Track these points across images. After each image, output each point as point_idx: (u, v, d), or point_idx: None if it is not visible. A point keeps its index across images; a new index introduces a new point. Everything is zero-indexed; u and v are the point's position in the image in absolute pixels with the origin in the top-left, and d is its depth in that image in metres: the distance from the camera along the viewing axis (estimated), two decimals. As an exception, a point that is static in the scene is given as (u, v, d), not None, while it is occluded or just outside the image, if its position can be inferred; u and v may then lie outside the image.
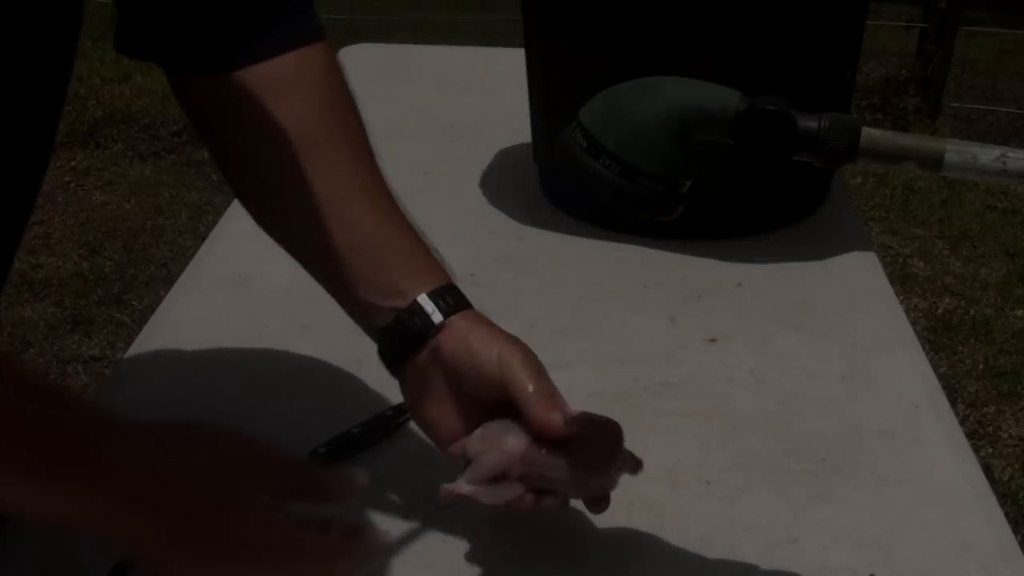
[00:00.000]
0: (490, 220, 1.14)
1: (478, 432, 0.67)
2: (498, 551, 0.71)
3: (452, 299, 0.69)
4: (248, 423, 0.83)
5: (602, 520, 0.74)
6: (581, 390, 0.87)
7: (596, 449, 0.67)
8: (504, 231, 1.12)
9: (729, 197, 1.08)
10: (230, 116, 0.71)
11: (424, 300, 0.68)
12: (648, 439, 0.82)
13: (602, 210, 1.07)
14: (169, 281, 2.11)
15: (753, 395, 0.87)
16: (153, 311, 0.99)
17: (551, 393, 0.66)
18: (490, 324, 0.69)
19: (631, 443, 0.81)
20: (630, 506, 0.75)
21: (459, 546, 0.71)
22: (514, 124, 1.30)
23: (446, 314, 0.68)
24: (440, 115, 1.42)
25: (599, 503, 0.68)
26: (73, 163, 3.43)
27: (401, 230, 0.72)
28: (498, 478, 0.66)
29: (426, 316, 0.68)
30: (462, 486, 0.66)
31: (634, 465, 0.69)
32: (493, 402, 0.67)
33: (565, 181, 0.62)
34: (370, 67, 1.62)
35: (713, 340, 0.95)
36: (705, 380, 0.89)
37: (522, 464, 0.66)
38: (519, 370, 0.66)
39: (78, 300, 2.72)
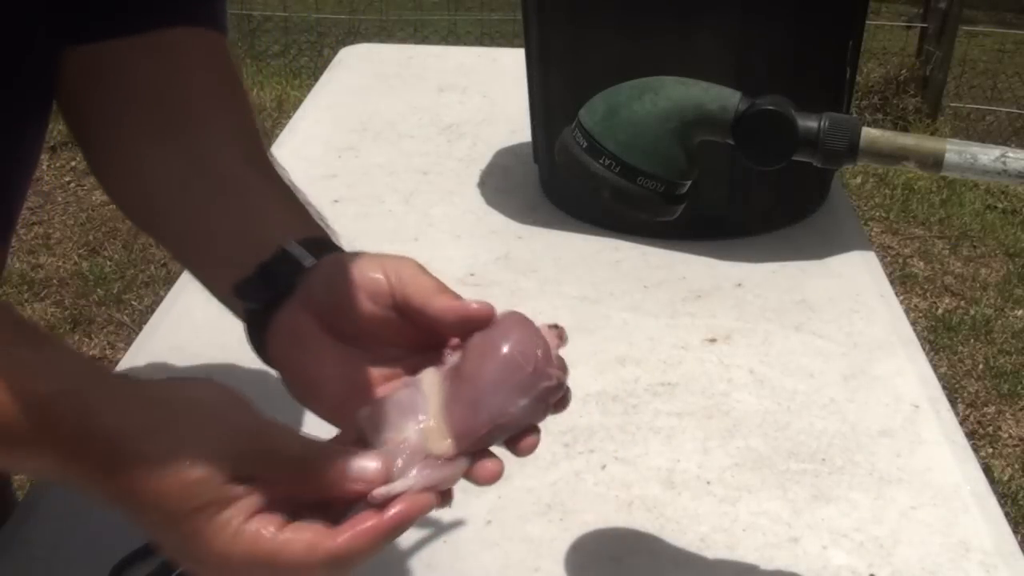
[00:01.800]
0: (490, 220, 1.14)
1: (365, 410, 0.53)
2: (498, 551, 0.71)
3: (327, 248, 0.59)
4: (248, 423, 0.83)
5: (602, 520, 0.74)
6: (581, 390, 0.87)
7: (511, 358, 0.53)
8: (504, 231, 1.12)
9: (729, 197, 1.08)
10: (99, 86, 0.65)
11: (293, 247, 0.58)
12: (648, 439, 0.82)
13: (602, 210, 1.07)
14: (169, 281, 2.11)
15: (753, 395, 0.87)
16: (153, 311, 0.99)
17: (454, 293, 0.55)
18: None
19: (631, 443, 0.82)
20: (630, 506, 0.75)
21: (459, 546, 0.71)
22: (514, 124, 1.30)
23: (319, 257, 0.58)
24: (440, 115, 1.42)
25: (561, 402, 0.54)
26: (73, 163, 3.42)
27: (276, 185, 0.64)
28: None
29: (294, 261, 0.57)
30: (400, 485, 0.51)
31: (559, 335, 0.54)
32: (383, 339, 0.56)
33: (565, 181, 0.62)
34: (370, 67, 1.62)
35: (713, 340, 0.95)
36: (705, 380, 0.89)
37: (458, 437, 0.52)
38: (413, 275, 0.55)
39: (78, 300, 2.72)
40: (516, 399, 0.52)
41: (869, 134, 0.59)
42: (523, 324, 0.53)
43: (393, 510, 0.49)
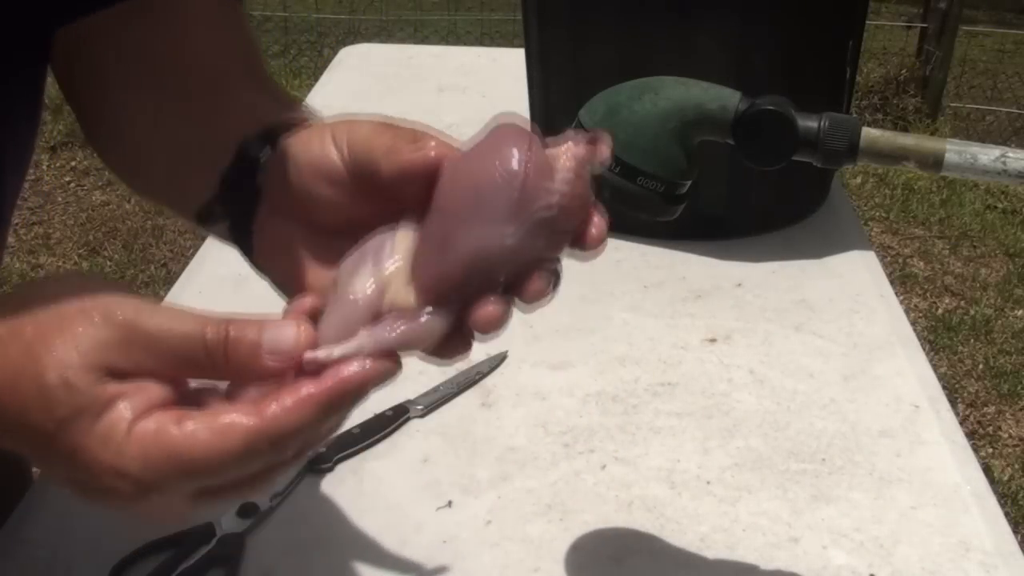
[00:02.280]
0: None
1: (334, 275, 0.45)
2: (498, 551, 0.71)
3: (284, 130, 0.50)
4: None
5: (602, 520, 0.74)
6: (581, 390, 0.87)
7: (483, 178, 0.40)
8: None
9: (729, 197, 1.08)
10: (91, 54, 0.60)
11: (249, 143, 0.50)
12: (648, 439, 0.82)
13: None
14: (169, 281, 2.11)
15: (753, 395, 0.87)
16: (153, 311, 0.99)
17: (417, 135, 0.47)
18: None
19: (631, 443, 0.82)
20: (630, 506, 0.75)
21: (459, 546, 0.71)
22: (514, 124, 1.29)
23: (275, 143, 0.49)
24: (440, 115, 1.42)
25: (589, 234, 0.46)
26: (73, 163, 3.43)
27: (257, 79, 0.57)
28: (376, 316, 0.41)
29: (251, 158, 0.50)
30: (323, 351, 0.40)
31: (588, 147, 0.43)
32: (363, 223, 0.47)
33: (565, 181, 0.62)
34: (370, 67, 1.62)
35: (713, 340, 0.95)
36: (705, 380, 0.89)
37: (425, 288, 0.40)
38: (365, 138, 0.47)
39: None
40: (499, 228, 0.39)
41: (869, 134, 0.59)
42: (508, 134, 0.41)
43: (332, 374, 0.39)
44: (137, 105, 0.57)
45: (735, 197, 1.09)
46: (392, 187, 0.45)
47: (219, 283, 1.01)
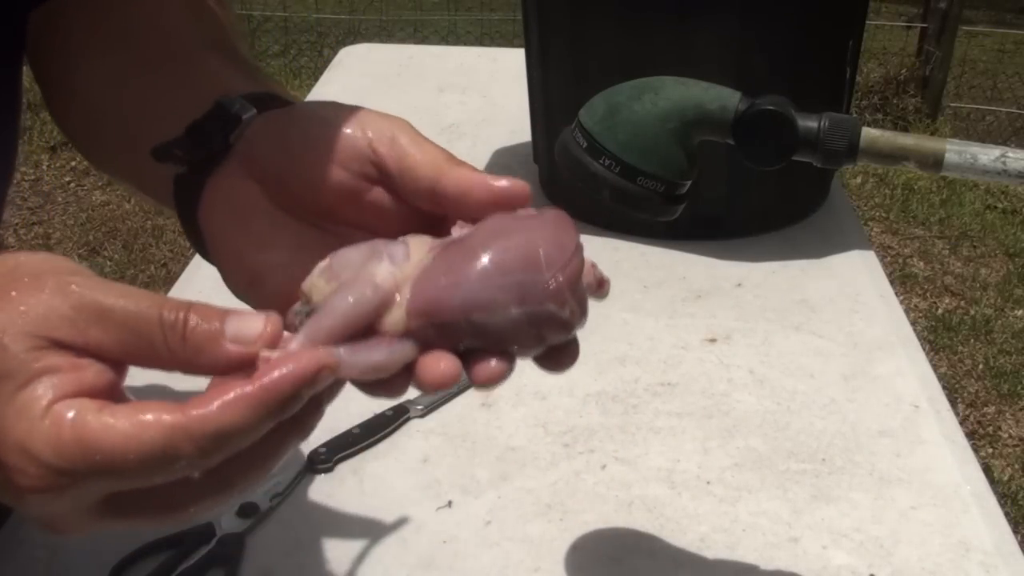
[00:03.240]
0: (490, 220, 1.14)
1: (321, 264, 0.40)
2: (498, 551, 0.71)
3: (276, 102, 0.47)
4: (248, 423, 0.83)
5: (602, 520, 0.74)
6: (581, 390, 0.87)
7: (530, 250, 0.39)
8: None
9: (729, 197, 1.08)
10: (57, 31, 0.58)
11: (230, 100, 0.46)
12: (648, 439, 0.82)
13: (602, 210, 1.07)
14: (169, 281, 2.11)
15: (753, 395, 0.87)
16: (153, 311, 0.99)
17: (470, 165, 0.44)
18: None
19: (631, 443, 0.82)
20: (630, 506, 0.75)
21: (459, 546, 0.71)
22: (514, 124, 1.30)
23: (262, 109, 0.46)
24: (440, 115, 1.42)
25: (563, 352, 0.42)
26: (73, 163, 3.43)
27: (229, 53, 0.53)
28: (366, 333, 0.39)
29: (231, 116, 0.46)
30: (293, 347, 0.37)
31: (600, 280, 0.44)
32: (350, 219, 0.45)
33: (565, 181, 0.62)
34: (370, 67, 1.62)
35: (713, 340, 0.95)
36: (705, 380, 0.89)
37: (416, 311, 0.38)
38: (413, 140, 0.44)
39: None
40: (509, 302, 0.38)
41: (869, 134, 0.59)
42: (564, 224, 0.40)
43: (266, 371, 0.34)
44: (101, 69, 0.54)
45: (735, 197, 1.09)
46: (427, 198, 0.43)
47: (219, 283, 1.01)
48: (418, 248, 0.40)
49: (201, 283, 1.01)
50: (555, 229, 0.40)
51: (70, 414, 0.34)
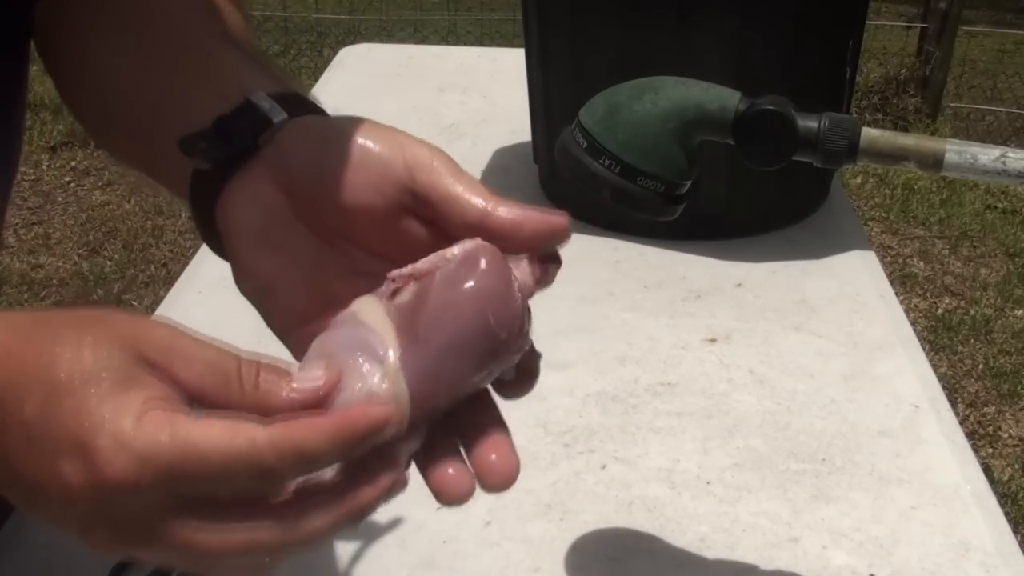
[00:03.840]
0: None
1: (314, 347, 0.42)
2: (498, 551, 0.71)
3: (307, 108, 0.47)
4: (248, 423, 0.83)
5: (602, 520, 0.74)
6: (581, 390, 0.87)
7: (481, 320, 0.41)
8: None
9: (729, 197, 1.08)
10: (64, 16, 0.57)
11: (260, 98, 0.46)
12: (648, 439, 0.82)
13: (602, 210, 1.07)
14: (169, 281, 2.11)
15: (753, 395, 0.87)
16: (153, 311, 0.99)
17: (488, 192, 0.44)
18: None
19: (631, 443, 0.82)
20: (630, 506, 0.75)
21: (459, 546, 0.71)
22: (514, 124, 1.30)
23: (292, 113, 0.45)
24: (440, 115, 1.42)
25: (523, 378, 0.45)
26: (73, 163, 3.43)
27: (248, 51, 0.52)
28: None
29: (261, 116, 0.45)
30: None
31: (538, 272, 0.44)
32: (369, 242, 0.45)
33: (565, 181, 0.62)
34: (370, 67, 1.62)
35: (713, 340, 0.95)
36: (705, 380, 0.89)
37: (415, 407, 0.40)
38: (452, 171, 0.44)
39: (78, 300, 2.72)
40: (479, 369, 0.41)
41: (869, 134, 0.59)
42: (500, 273, 0.41)
43: (339, 413, 0.37)
44: (115, 53, 0.54)
45: (735, 197, 1.09)
46: (468, 230, 0.43)
47: (219, 283, 1.01)
48: (379, 324, 0.41)
49: (201, 283, 1.01)
50: (496, 282, 0.41)
51: (166, 414, 0.36)
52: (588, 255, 1.08)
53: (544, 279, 0.43)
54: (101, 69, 0.54)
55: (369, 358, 0.40)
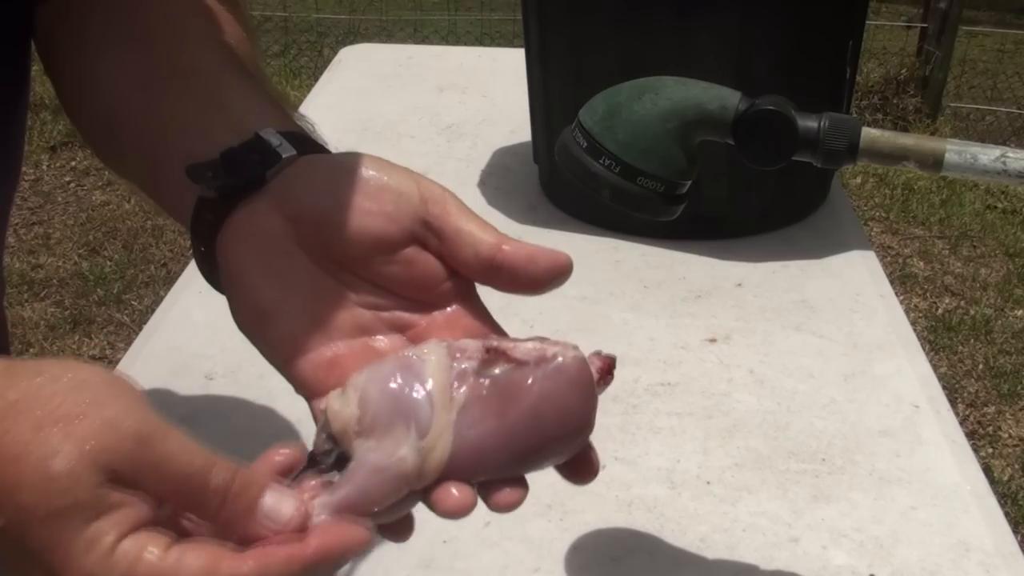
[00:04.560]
0: (490, 220, 1.14)
1: (341, 389, 0.42)
2: (498, 551, 0.71)
3: (312, 146, 0.48)
4: (248, 423, 0.83)
5: (602, 520, 0.74)
6: (581, 390, 0.87)
7: (566, 419, 0.43)
8: (504, 231, 1.12)
9: (729, 197, 1.08)
10: (65, 23, 0.57)
11: (270, 134, 0.47)
12: (648, 439, 0.82)
13: (602, 210, 1.07)
14: (169, 281, 2.11)
15: (753, 395, 0.87)
16: (153, 311, 0.99)
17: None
18: None
19: (631, 443, 0.82)
20: (630, 506, 0.75)
21: (459, 546, 0.71)
22: (514, 124, 1.30)
23: (301, 151, 0.46)
24: (440, 115, 1.42)
25: (584, 466, 0.44)
26: (73, 163, 3.43)
27: (256, 81, 0.53)
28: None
29: (268, 149, 0.46)
30: (322, 508, 0.40)
31: (605, 369, 0.45)
32: (373, 275, 0.45)
33: (565, 181, 0.62)
34: (370, 67, 1.62)
35: (713, 340, 0.95)
36: (705, 380, 0.89)
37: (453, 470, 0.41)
38: (462, 210, 0.45)
39: (78, 300, 2.72)
40: (548, 459, 0.43)
41: (869, 134, 0.59)
42: (591, 393, 0.44)
43: (315, 540, 0.38)
44: (124, 68, 0.54)
45: (735, 197, 1.09)
46: (486, 266, 0.45)
47: (219, 283, 1.01)
48: (438, 373, 0.41)
49: (201, 283, 1.01)
50: (583, 399, 0.43)
51: (136, 550, 0.36)
52: (588, 255, 1.08)
53: (604, 378, 0.45)
54: (107, 83, 0.54)
55: (413, 426, 0.41)
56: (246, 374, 0.89)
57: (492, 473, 0.42)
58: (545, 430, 0.42)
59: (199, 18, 0.56)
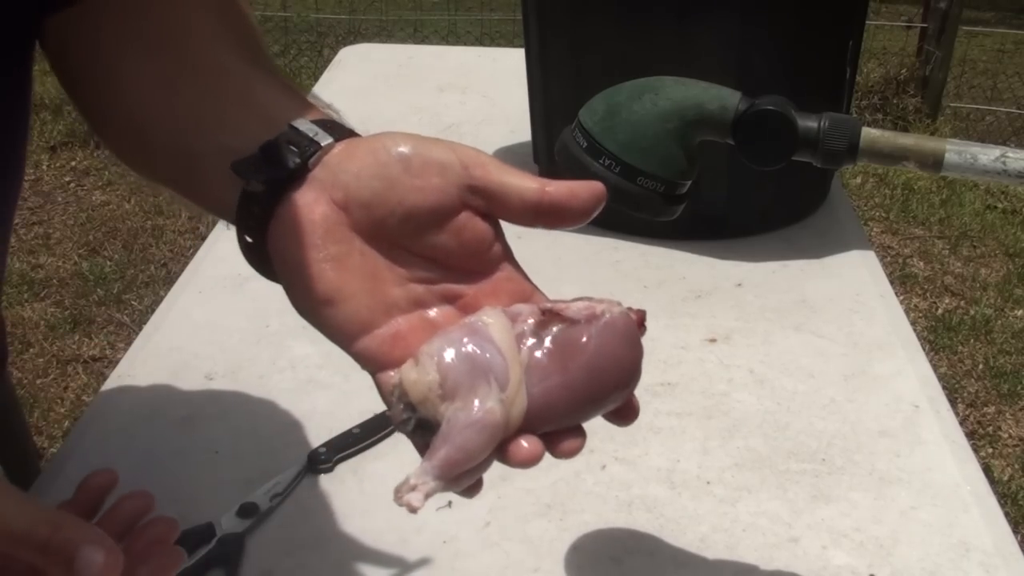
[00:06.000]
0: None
1: (414, 360, 0.45)
2: (498, 551, 0.71)
3: (345, 131, 0.50)
4: (248, 423, 0.83)
5: (602, 520, 0.74)
6: (581, 390, 0.87)
7: (622, 363, 0.47)
8: (504, 231, 1.12)
9: (729, 197, 1.08)
10: (82, 33, 0.58)
11: (304, 124, 0.49)
12: (648, 439, 0.82)
13: (602, 210, 1.07)
14: (169, 281, 2.11)
15: (753, 395, 0.87)
16: (153, 311, 0.99)
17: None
18: None
19: (631, 443, 0.82)
20: (630, 506, 0.75)
21: (459, 546, 0.71)
22: (514, 124, 1.30)
23: (337, 137, 0.48)
24: (440, 115, 1.42)
25: (628, 410, 0.49)
26: (73, 163, 3.43)
27: (280, 79, 0.55)
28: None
29: (306, 138, 0.48)
30: (420, 492, 0.45)
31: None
32: (426, 247, 0.47)
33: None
34: (370, 67, 1.62)
35: (713, 340, 0.95)
36: (705, 380, 0.89)
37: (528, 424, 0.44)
38: (491, 160, 0.47)
39: (78, 300, 2.72)
40: (604, 406, 0.47)
41: (869, 134, 0.59)
42: (638, 344, 0.48)
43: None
44: (146, 73, 0.55)
45: (735, 197, 1.09)
46: (535, 211, 0.47)
47: (219, 283, 1.01)
48: (505, 343, 0.45)
49: (201, 283, 1.01)
50: (633, 350, 0.47)
51: None
52: (588, 255, 1.08)
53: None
54: (129, 87, 0.55)
55: (494, 382, 0.44)
56: (246, 374, 0.89)
57: (556, 424, 0.45)
58: (603, 380, 0.46)
59: (210, 14, 0.57)
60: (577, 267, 1.06)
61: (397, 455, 0.79)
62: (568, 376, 0.45)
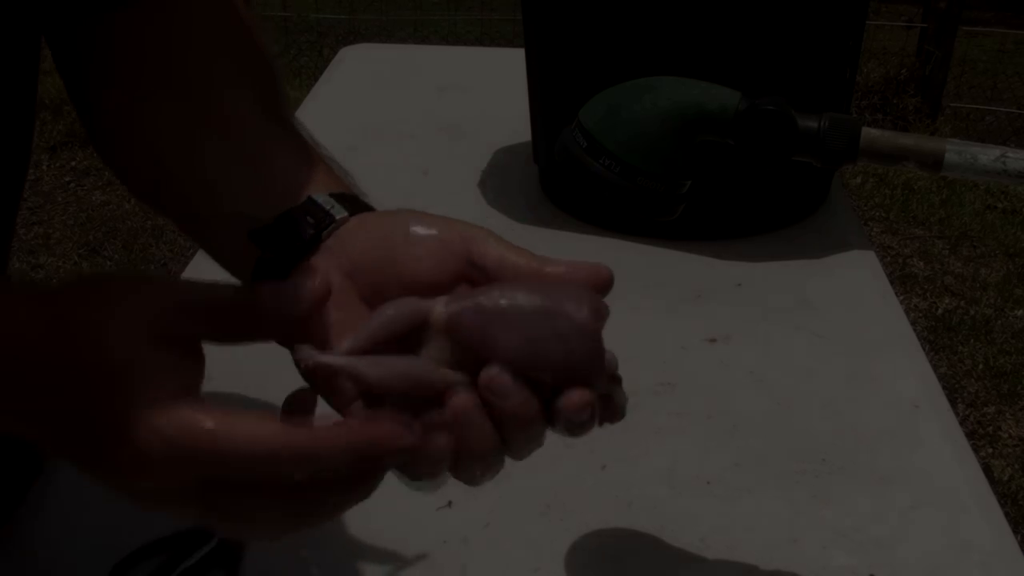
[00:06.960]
0: (490, 220, 1.14)
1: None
2: (498, 551, 0.71)
3: (360, 205, 0.53)
4: (248, 423, 0.83)
5: (602, 520, 0.74)
6: (581, 390, 0.87)
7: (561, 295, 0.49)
8: (504, 231, 1.11)
9: (729, 197, 1.08)
10: (100, 55, 0.59)
11: (321, 197, 0.52)
12: (648, 439, 0.82)
13: (602, 210, 1.07)
14: (169, 281, 2.11)
15: (753, 395, 0.87)
16: (153, 311, 0.99)
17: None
18: None
19: (631, 443, 0.82)
20: (630, 506, 0.75)
21: (459, 546, 0.71)
22: (514, 124, 1.30)
23: (351, 212, 0.52)
24: (440, 115, 1.42)
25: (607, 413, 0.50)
26: (73, 163, 3.43)
27: (296, 138, 0.57)
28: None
29: (322, 211, 0.51)
30: (335, 356, 0.47)
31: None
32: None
33: (565, 181, 0.62)
34: (370, 67, 1.62)
35: (713, 340, 0.95)
36: (705, 380, 0.89)
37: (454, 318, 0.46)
38: (492, 236, 0.51)
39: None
40: (560, 341, 0.47)
41: (869, 134, 0.59)
42: (597, 306, 0.51)
43: (366, 425, 0.45)
44: (159, 115, 0.57)
45: (735, 197, 1.09)
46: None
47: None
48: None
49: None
50: (590, 304, 0.50)
51: (190, 410, 0.42)
52: (588, 255, 1.08)
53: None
54: (148, 131, 0.57)
55: (423, 303, 0.46)
56: (246, 374, 0.89)
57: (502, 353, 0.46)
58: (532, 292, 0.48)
59: (233, 62, 0.59)
60: (577, 267, 1.06)
61: (397, 455, 0.79)
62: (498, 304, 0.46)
